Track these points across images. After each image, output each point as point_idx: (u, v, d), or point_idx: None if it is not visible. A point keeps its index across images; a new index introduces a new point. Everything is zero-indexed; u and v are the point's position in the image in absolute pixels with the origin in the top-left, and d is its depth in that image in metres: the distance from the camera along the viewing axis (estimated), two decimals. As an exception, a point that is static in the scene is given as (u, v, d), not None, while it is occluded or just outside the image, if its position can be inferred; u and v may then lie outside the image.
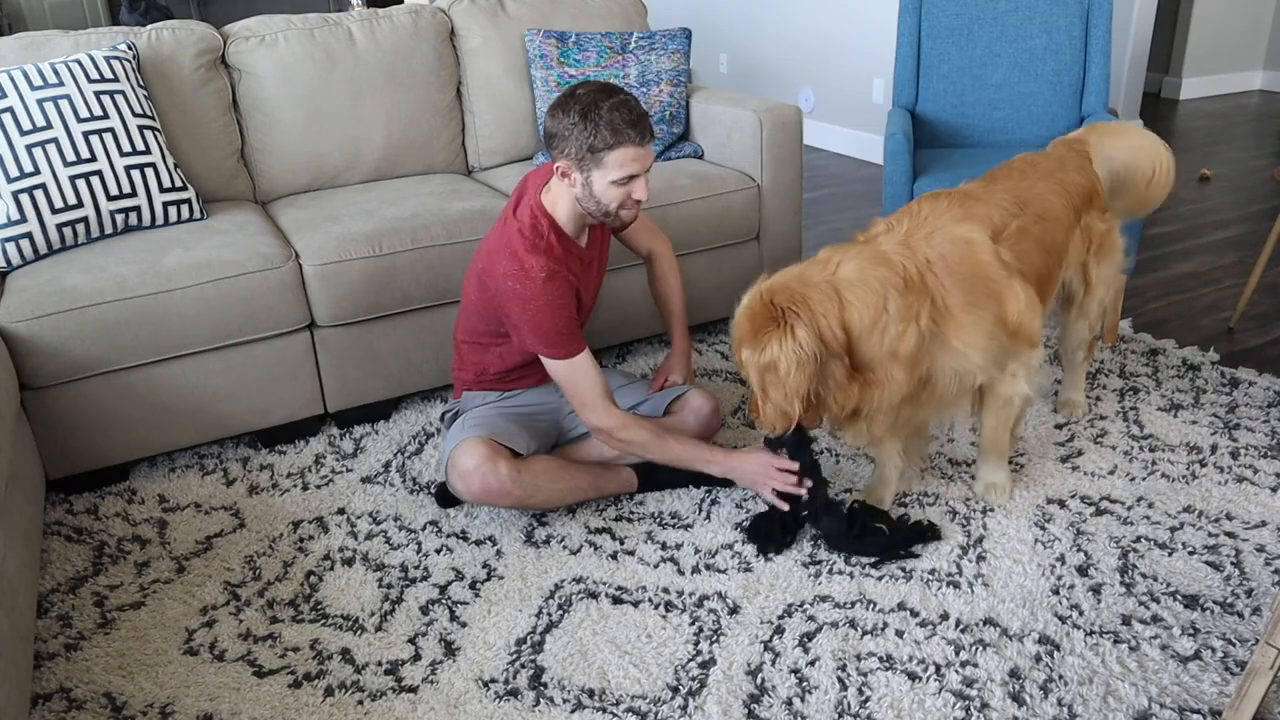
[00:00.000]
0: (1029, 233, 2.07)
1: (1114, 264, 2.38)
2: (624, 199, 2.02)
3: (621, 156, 1.96)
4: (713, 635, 1.86)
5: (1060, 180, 2.21)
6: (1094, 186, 2.28)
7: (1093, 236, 2.30)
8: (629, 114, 1.95)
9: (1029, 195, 2.13)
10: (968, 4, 3.26)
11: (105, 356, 2.29)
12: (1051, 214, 2.15)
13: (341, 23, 2.99)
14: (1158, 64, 6.58)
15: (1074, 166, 2.27)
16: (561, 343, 2.05)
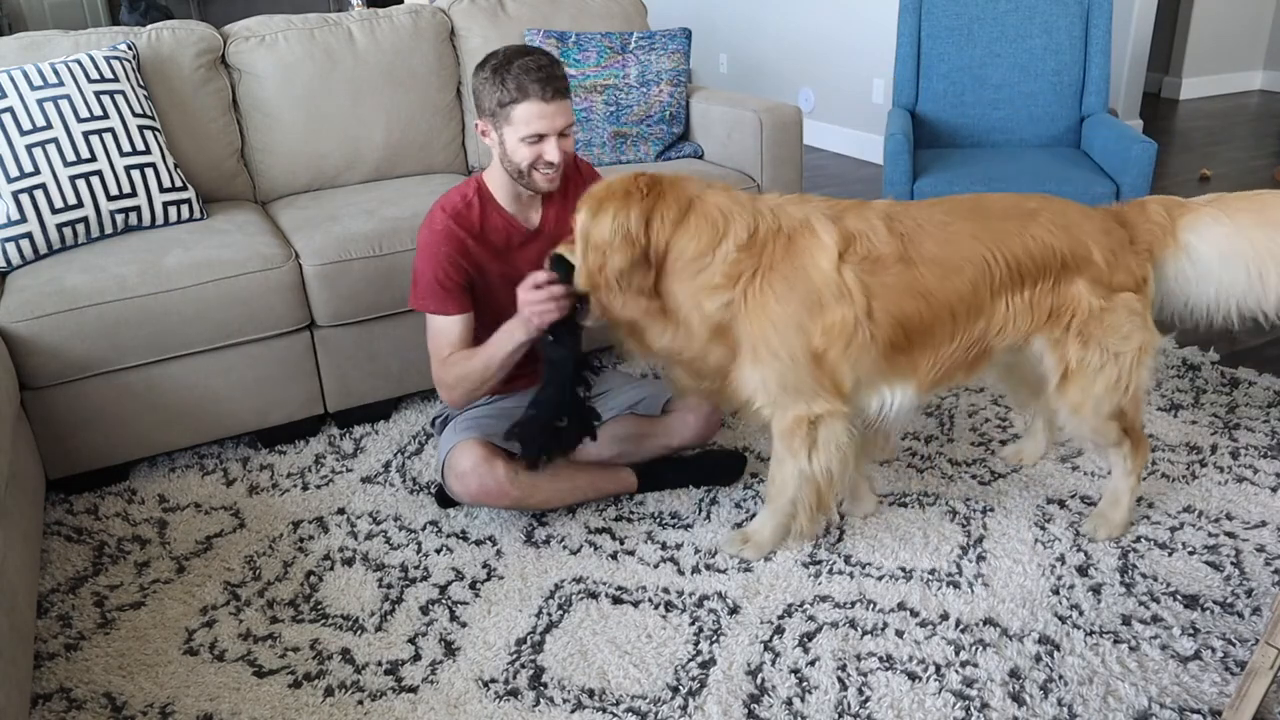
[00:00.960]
0: (894, 269, 1.80)
1: (1114, 351, 1.90)
2: (534, 159, 2.00)
3: (527, 112, 1.95)
4: (713, 635, 1.86)
5: (1003, 231, 1.85)
6: (1079, 252, 1.86)
7: (1067, 310, 1.88)
8: (538, 70, 1.94)
9: (932, 234, 1.83)
10: (968, 4, 3.27)
11: (105, 356, 2.29)
12: (955, 263, 1.82)
13: (341, 23, 2.99)
14: (1158, 64, 6.57)
15: (1055, 223, 1.87)
16: (419, 294, 2.09)
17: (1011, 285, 1.86)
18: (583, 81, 3.12)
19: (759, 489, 2.31)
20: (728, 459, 2.36)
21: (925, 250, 1.82)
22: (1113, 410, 1.96)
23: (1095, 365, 1.90)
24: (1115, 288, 1.89)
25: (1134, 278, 1.91)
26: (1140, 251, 1.93)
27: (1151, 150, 2.80)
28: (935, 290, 1.82)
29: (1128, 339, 1.91)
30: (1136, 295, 1.91)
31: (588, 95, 3.12)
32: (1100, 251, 1.88)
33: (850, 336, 1.80)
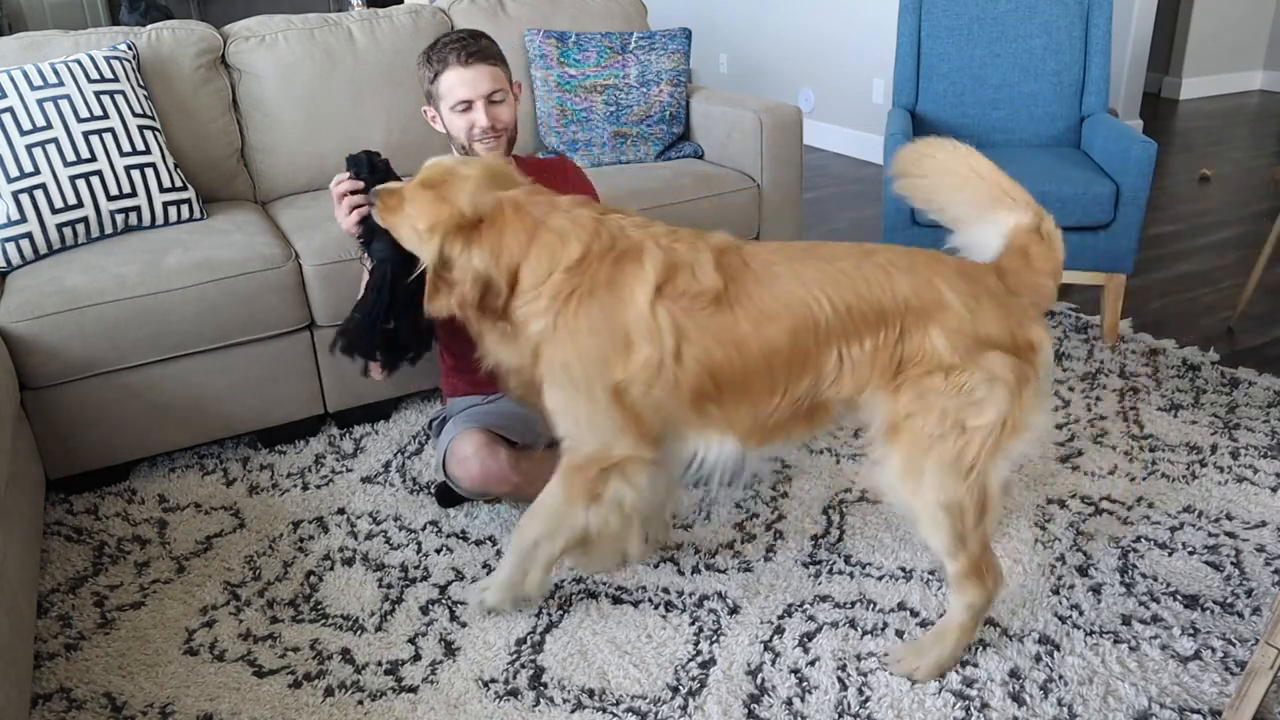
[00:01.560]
0: (709, 311, 1.61)
1: (959, 421, 1.57)
2: (469, 129, 2.04)
3: (449, 81, 2.01)
4: (713, 635, 1.86)
5: (833, 273, 1.61)
6: (926, 295, 1.58)
7: (918, 363, 1.59)
8: (457, 41, 2.00)
9: (756, 276, 1.63)
10: (968, 4, 3.27)
11: (105, 356, 2.29)
12: (773, 309, 1.61)
13: (341, 23, 2.99)
14: (1158, 64, 6.58)
15: (895, 264, 1.62)
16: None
17: (845, 334, 1.61)
18: (583, 81, 3.12)
19: (759, 489, 2.31)
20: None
21: (745, 293, 1.62)
22: (947, 500, 1.60)
23: (930, 430, 1.58)
24: (981, 342, 1.57)
25: (1009, 336, 1.58)
26: (1027, 309, 1.61)
27: (1151, 150, 2.80)
28: (749, 338, 1.61)
29: (980, 409, 1.56)
30: (1012, 358, 1.57)
31: (588, 95, 3.12)
32: (956, 295, 1.58)
33: (653, 378, 1.63)
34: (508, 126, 2.10)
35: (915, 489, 1.62)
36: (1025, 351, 1.58)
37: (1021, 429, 1.59)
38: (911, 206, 2.95)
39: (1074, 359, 2.91)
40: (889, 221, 3.01)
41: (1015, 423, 1.58)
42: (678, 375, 1.62)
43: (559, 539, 1.79)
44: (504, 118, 2.08)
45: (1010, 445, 1.59)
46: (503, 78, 2.07)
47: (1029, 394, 1.58)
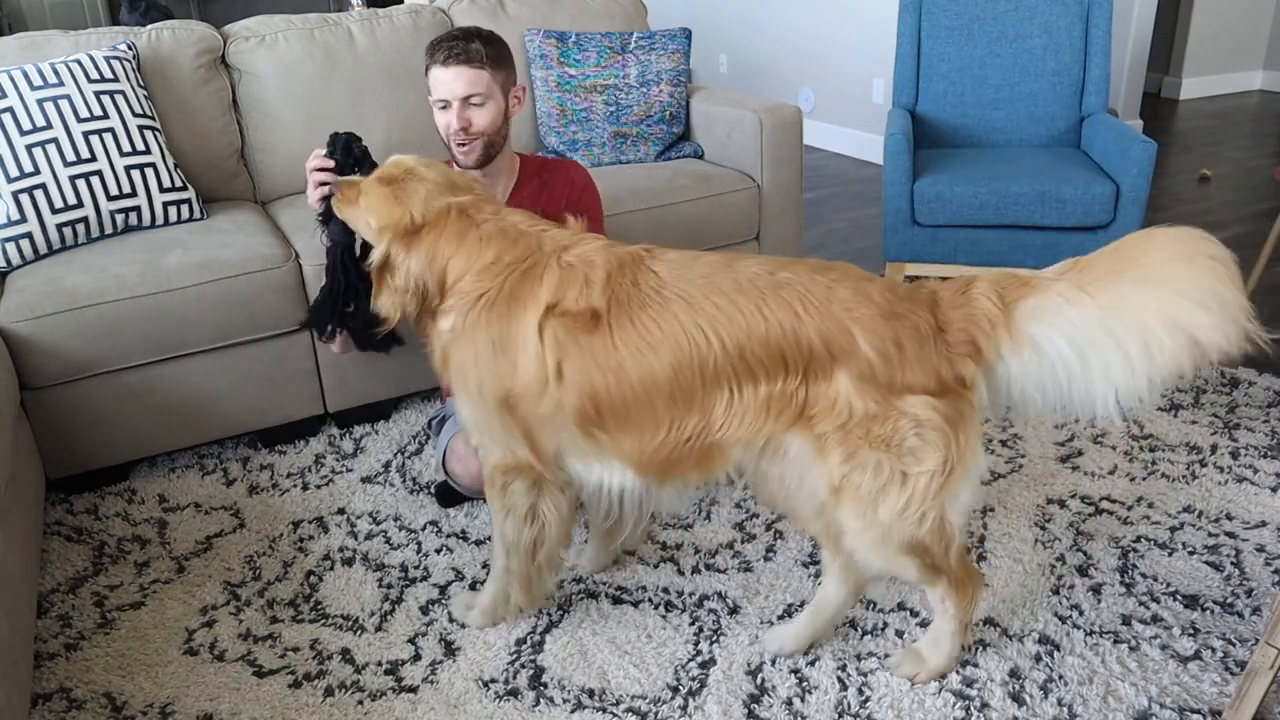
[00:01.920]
0: (590, 332, 1.57)
1: (899, 470, 1.51)
2: (446, 129, 2.05)
3: (432, 79, 2.03)
4: (713, 635, 1.86)
5: (729, 308, 1.52)
6: (835, 340, 1.48)
7: (822, 411, 1.51)
8: (447, 39, 2.00)
9: (644, 300, 1.56)
10: (968, 4, 3.27)
11: (105, 356, 2.29)
12: (654, 339, 1.54)
13: (341, 23, 2.99)
14: (1158, 64, 6.58)
15: (806, 301, 1.51)
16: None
17: (735, 374, 1.52)
18: (583, 81, 3.12)
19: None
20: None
21: (628, 318, 1.56)
22: (906, 543, 1.55)
23: (871, 486, 1.51)
24: (899, 389, 1.48)
25: (935, 378, 1.49)
26: (956, 346, 1.50)
27: (1151, 150, 2.80)
28: (627, 366, 1.55)
29: (917, 457, 1.50)
30: (937, 400, 1.49)
31: (588, 95, 3.12)
32: (870, 341, 1.48)
33: (539, 396, 1.61)
34: (483, 131, 2.05)
35: (876, 543, 1.57)
36: (956, 391, 1.50)
37: (968, 467, 1.51)
38: (912, 206, 2.97)
39: (1074, 359, 2.91)
40: (889, 221, 3.02)
41: (959, 463, 1.50)
42: (561, 396, 1.60)
43: (511, 554, 1.81)
44: (478, 122, 2.04)
45: (959, 483, 1.52)
46: (486, 81, 2.02)
47: (966, 433, 1.50)
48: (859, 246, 3.97)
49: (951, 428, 1.49)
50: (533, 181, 2.21)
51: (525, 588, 1.84)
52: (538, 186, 2.20)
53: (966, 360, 1.50)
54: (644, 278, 1.59)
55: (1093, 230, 2.90)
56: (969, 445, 1.51)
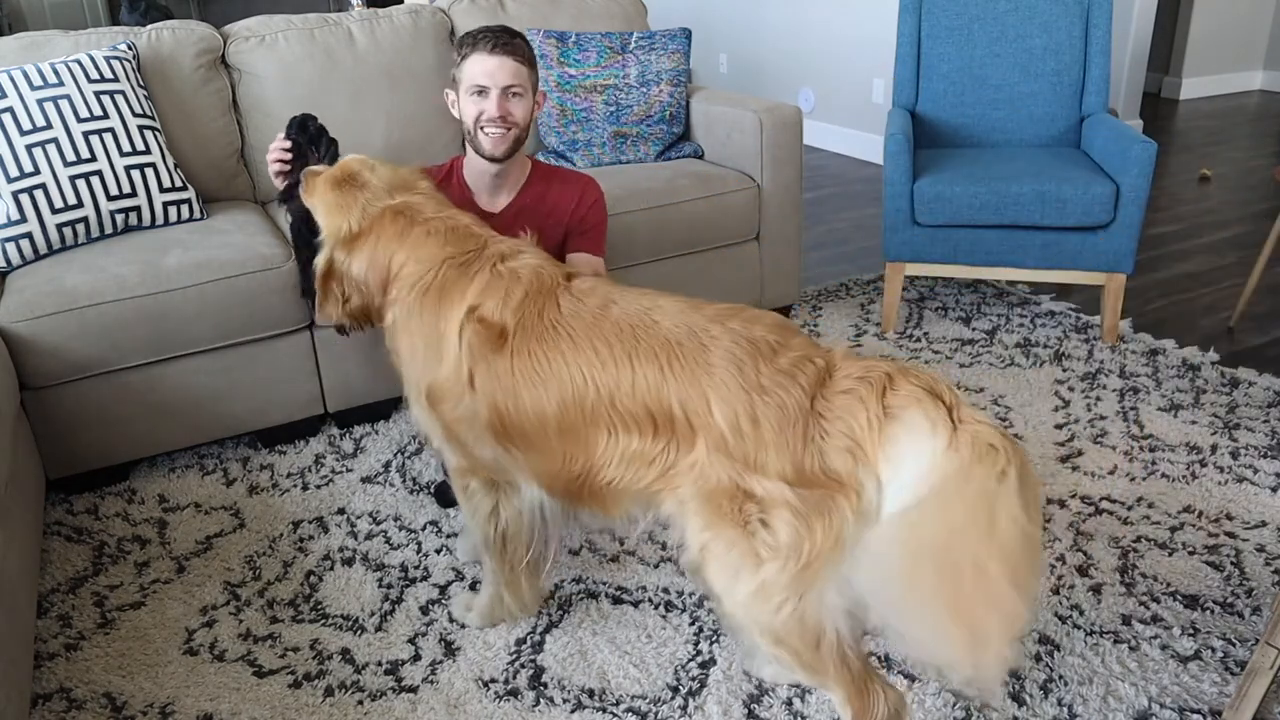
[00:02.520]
0: (498, 349, 1.58)
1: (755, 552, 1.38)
2: (478, 115, 2.05)
3: (472, 65, 2.04)
4: (713, 635, 1.86)
5: (608, 354, 1.49)
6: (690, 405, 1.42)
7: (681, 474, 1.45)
8: (489, 31, 2.03)
9: (545, 331, 1.55)
10: (968, 4, 3.26)
11: (105, 356, 2.29)
12: (545, 372, 1.53)
13: (341, 23, 2.99)
14: (1158, 64, 6.58)
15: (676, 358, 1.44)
16: None
17: (611, 420, 1.49)
18: (583, 81, 3.12)
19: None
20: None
21: (527, 346, 1.56)
22: (768, 630, 1.42)
23: (727, 559, 1.41)
24: (753, 466, 1.37)
25: (792, 465, 1.35)
26: (833, 436, 1.34)
27: (1151, 150, 2.80)
28: (521, 394, 1.56)
29: (765, 542, 1.36)
30: (794, 488, 1.34)
31: (588, 95, 3.12)
32: (724, 412, 1.38)
33: (457, 398, 1.63)
34: (518, 123, 2.08)
35: (744, 621, 1.44)
36: (821, 482, 1.34)
37: (830, 560, 1.34)
38: (912, 206, 2.97)
39: (1074, 359, 2.91)
40: (889, 221, 3.02)
41: (817, 559, 1.34)
42: (475, 405, 1.61)
43: (485, 554, 1.83)
44: (516, 113, 2.06)
45: (818, 579, 1.35)
46: (526, 77, 2.07)
47: (830, 528, 1.33)
48: (859, 246, 3.97)
49: (808, 519, 1.33)
50: (538, 186, 2.21)
51: (512, 590, 1.85)
52: (541, 192, 2.20)
53: (844, 454, 1.33)
54: (548, 309, 1.58)
55: (1093, 230, 2.90)
56: (832, 543, 1.33)
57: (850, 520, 1.33)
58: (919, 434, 1.28)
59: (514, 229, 2.07)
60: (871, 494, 1.32)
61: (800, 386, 1.38)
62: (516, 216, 2.17)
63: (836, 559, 1.34)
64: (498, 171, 2.13)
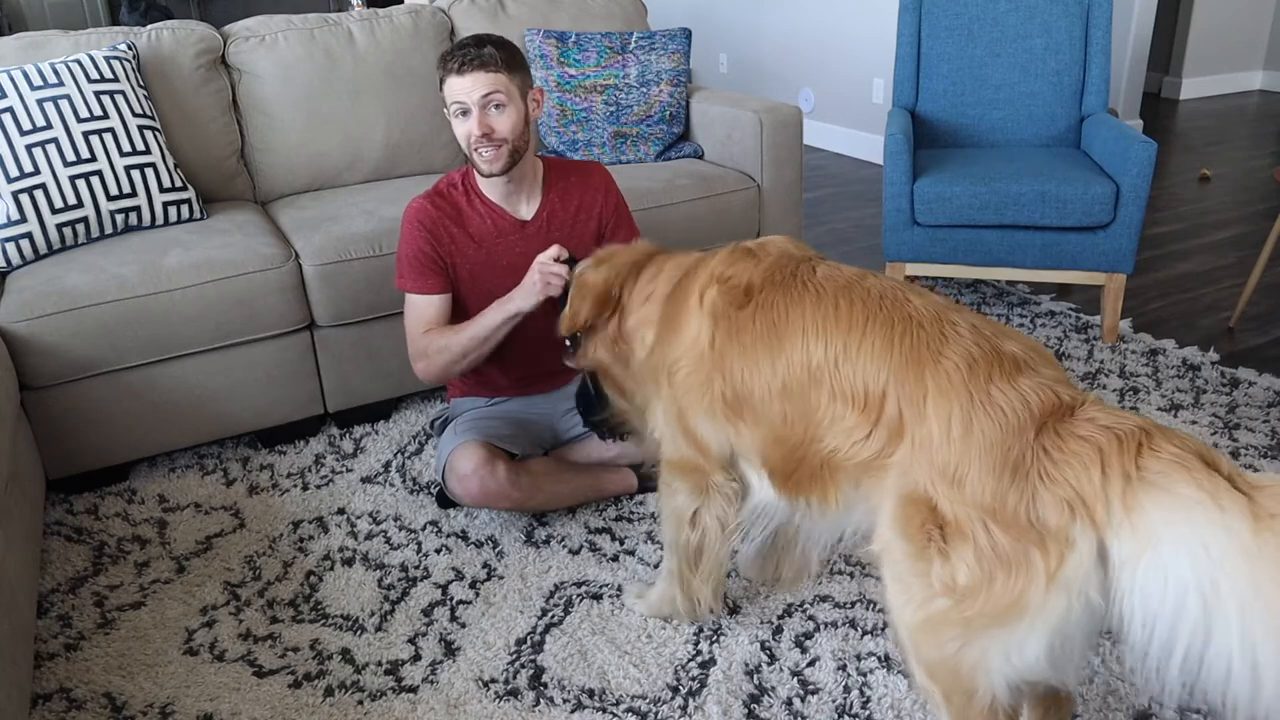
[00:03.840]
0: (736, 304, 1.54)
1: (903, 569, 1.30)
2: (468, 137, 2.01)
3: (448, 89, 1.99)
4: (713, 635, 1.86)
5: (853, 316, 1.40)
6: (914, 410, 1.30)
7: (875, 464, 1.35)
8: (460, 48, 1.98)
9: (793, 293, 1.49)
10: (968, 4, 3.26)
11: (105, 356, 2.29)
12: (782, 325, 1.47)
13: (341, 23, 2.99)
14: (1158, 64, 6.58)
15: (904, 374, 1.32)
16: (400, 271, 2.13)
17: (835, 388, 1.39)
18: (583, 81, 3.12)
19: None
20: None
21: (770, 299, 1.51)
22: (923, 660, 1.31)
23: (900, 574, 1.30)
24: (949, 479, 1.23)
25: (995, 496, 1.18)
26: (1055, 482, 1.16)
27: (1151, 150, 2.80)
28: (758, 348, 1.49)
29: (938, 570, 1.24)
30: (990, 522, 1.19)
31: (588, 95, 3.12)
32: (938, 406, 1.27)
33: (694, 364, 1.58)
34: (507, 137, 2.00)
35: (901, 639, 1.34)
36: (1026, 530, 1.16)
37: (1006, 625, 1.18)
38: (912, 206, 2.97)
39: (1074, 359, 2.91)
40: (889, 221, 3.01)
41: (989, 613, 1.19)
42: (710, 368, 1.55)
43: (669, 554, 1.81)
44: (499, 127, 1.98)
45: (987, 634, 1.20)
46: (504, 83, 1.98)
47: (1017, 584, 1.16)
48: (859, 246, 3.97)
49: (991, 568, 1.17)
50: (557, 185, 2.18)
51: (686, 594, 1.82)
52: (563, 190, 2.18)
53: (1060, 503, 1.14)
54: (803, 271, 1.53)
55: (1093, 230, 2.90)
56: (1009, 605, 1.16)
57: (1040, 585, 1.14)
58: (1198, 510, 1.05)
59: (549, 236, 2.10)
60: (1081, 561, 1.12)
61: (1032, 412, 1.21)
62: (549, 221, 2.17)
63: (1011, 623, 1.17)
64: (509, 180, 2.09)
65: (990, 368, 1.26)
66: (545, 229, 2.16)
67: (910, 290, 1.43)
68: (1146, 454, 1.11)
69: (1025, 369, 1.27)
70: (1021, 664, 1.20)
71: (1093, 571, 1.13)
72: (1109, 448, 1.13)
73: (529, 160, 2.12)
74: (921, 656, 1.31)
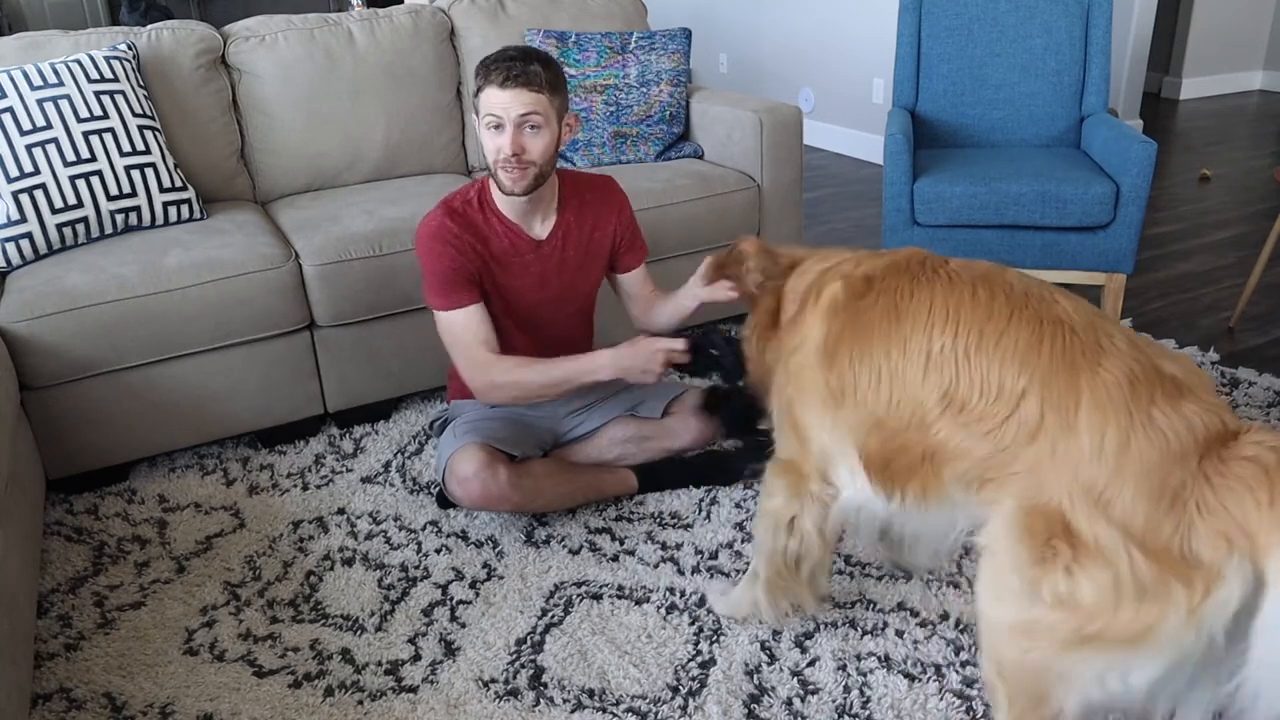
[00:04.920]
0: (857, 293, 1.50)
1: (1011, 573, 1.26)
2: (496, 153, 1.96)
3: (486, 98, 1.94)
4: (713, 635, 1.86)
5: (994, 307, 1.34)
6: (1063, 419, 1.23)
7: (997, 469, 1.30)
8: (505, 60, 1.92)
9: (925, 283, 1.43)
10: (968, 4, 3.26)
11: (105, 356, 2.29)
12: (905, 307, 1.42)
13: (341, 23, 2.99)
14: (1158, 64, 6.58)
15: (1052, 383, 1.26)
16: (435, 291, 2.05)
17: (956, 372, 1.33)
18: (583, 81, 3.12)
19: (759, 489, 2.31)
20: (727, 459, 2.36)
21: (894, 284, 1.46)
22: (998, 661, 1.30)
23: (1003, 577, 1.26)
24: (1094, 499, 1.17)
25: (1146, 524, 1.13)
26: (1213, 513, 1.11)
27: (1151, 150, 2.79)
28: (874, 327, 1.44)
29: (1064, 600, 1.18)
30: (1134, 548, 1.13)
31: (588, 95, 3.12)
32: (1092, 420, 1.21)
33: (808, 357, 1.54)
34: (536, 160, 1.95)
35: (982, 634, 1.32)
36: (1174, 563, 1.10)
37: (1119, 649, 1.13)
38: (912, 206, 2.97)
39: (1074, 359, 2.91)
40: (889, 221, 3.01)
41: (1103, 637, 1.14)
42: (820, 362, 1.50)
43: (758, 557, 1.77)
44: (531, 149, 1.94)
45: (1090, 657, 1.16)
46: (546, 105, 1.93)
47: (1146, 616, 1.11)
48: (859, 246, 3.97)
49: (1124, 594, 1.12)
50: (572, 202, 2.15)
51: (769, 595, 1.78)
52: (579, 209, 2.16)
53: (1219, 537, 1.08)
54: (933, 261, 1.47)
55: (1093, 230, 2.90)
56: (1134, 635, 1.11)
57: (1178, 621, 1.09)
58: None
59: (564, 256, 2.10)
60: (1228, 597, 1.08)
61: (1195, 437, 1.14)
62: (564, 241, 2.15)
63: (1129, 648, 1.12)
64: (527, 200, 2.05)
65: (1153, 388, 1.20)
66: (560, 249, 2.15)
67: (1057, 291, 1.36)
68: None
69: (1187, 393, 1.21)
70: (1120, 689, 1.16)
71: (1236, 612, 1.08)
72: (1277, 469, 1.08)
73: (549, 181, 2.08)
74: (999, 654, 1.28)
